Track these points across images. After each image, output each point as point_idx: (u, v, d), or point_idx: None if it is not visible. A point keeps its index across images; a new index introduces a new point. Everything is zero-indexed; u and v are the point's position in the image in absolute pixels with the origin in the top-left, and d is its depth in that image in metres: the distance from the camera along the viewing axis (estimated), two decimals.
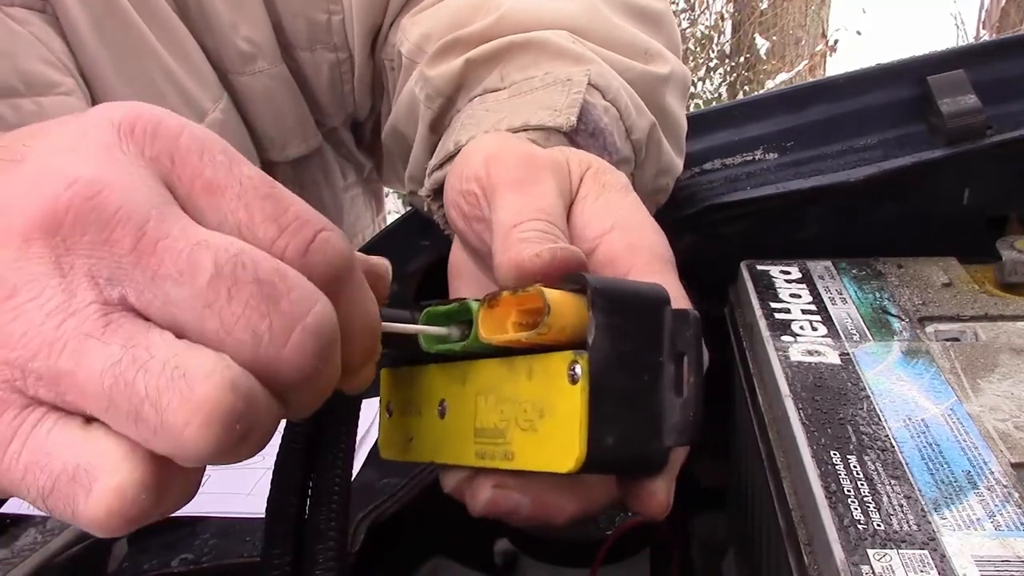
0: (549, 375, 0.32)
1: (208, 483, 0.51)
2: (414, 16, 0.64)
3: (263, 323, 0.26)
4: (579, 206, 0.42)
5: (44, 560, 0.48)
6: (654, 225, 0.42)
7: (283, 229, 0.29)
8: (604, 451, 0.31)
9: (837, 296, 0.52)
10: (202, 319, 0.26)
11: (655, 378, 0.32)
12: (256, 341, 0.26)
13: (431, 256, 0.68)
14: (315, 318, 0.27)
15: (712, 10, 5.32)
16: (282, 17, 0.67)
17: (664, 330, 0.32)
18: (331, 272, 0.29)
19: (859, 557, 0.33)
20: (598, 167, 0.44)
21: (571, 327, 0.32)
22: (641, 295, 0.33)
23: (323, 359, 0.28)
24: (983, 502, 0.36)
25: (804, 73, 5.10)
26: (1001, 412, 0.41)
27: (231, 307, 0.26)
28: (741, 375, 0.52)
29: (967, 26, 4.99)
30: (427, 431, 0.38)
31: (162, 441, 0.25)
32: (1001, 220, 0.62)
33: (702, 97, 4.89)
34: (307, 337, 0.27)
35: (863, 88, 0.65)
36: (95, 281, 0.26)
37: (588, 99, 0.50)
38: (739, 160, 0.65)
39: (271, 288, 0.27)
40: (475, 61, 0.56)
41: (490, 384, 0.35)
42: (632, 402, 0.31)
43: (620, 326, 0.32)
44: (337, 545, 0.34)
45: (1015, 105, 0.62)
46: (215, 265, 0.26)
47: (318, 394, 0.29)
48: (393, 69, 0.67)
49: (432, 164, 0.52)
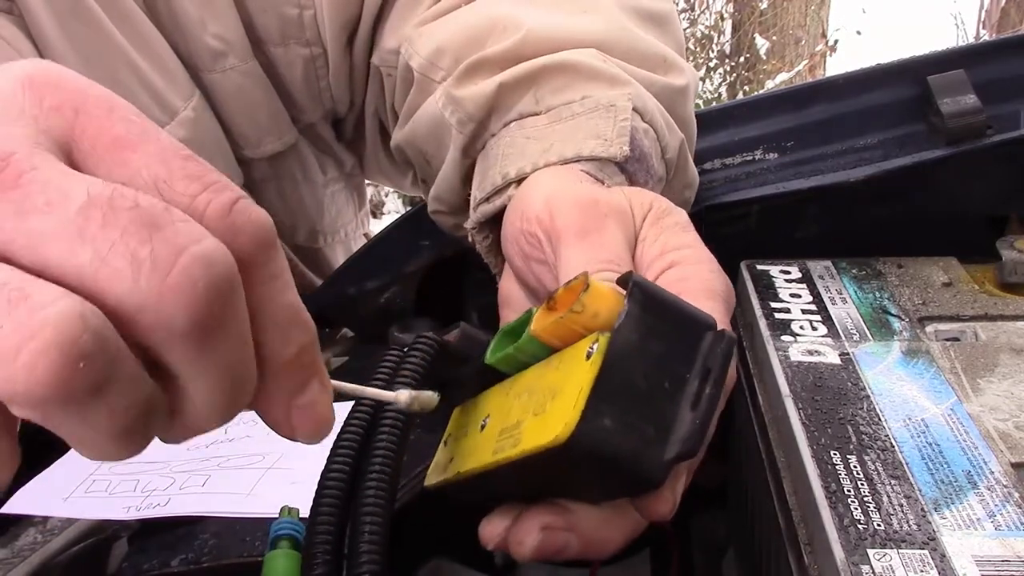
0: (572, 357, 0.32)
1: (208, 483, 0.52)
2: (419, 27, 0.63)
3: (143, 248, 0.23)
4: (639, 248, 0.42)
5: (44, 560, 0.48)
6: (712, 263, 0.41)
7: (206, 186, 0.26)
8: (599, 430, 0.30)
9: (837, 296, 0.52)
10: (73, 250, 0.23)
11: (677, 389, 0.32)
12: (136, 268, 0.23)
13: (431, 256, 0.68)
14: (204, 248, 0.24)
15: (712, 10, 5.33)
16: (252, 13, 0.66)
17: (699, 351, 0.32)
18: (257, 237, 0.26)
19: (859, 557, 0.33)
20: (659, 208, 0.44)
21: (606, 314, 0.32)
22: (686, 310, 0.33)
23: (216, 304, 0.24)
24: (983, 502, 0.36)
25: (804, 73, 5.10)
26: (1001, 412, 0.41)
27: (106, 232, 0.23)
28: (741, 375, 0.52)
29: (967, 26, 4.99)
30: (465, 446, 0.38)
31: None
32: (1001, 220, 0.62)
33: (702, 97, 4.89)
34: (195, 266, 0.24)
35: (863, 88, 0.65)
36: None
37: (632, 124, 0.50)
38: (739, 160, 0.65)
39: (153, 216, 0.24)
40: (508, 84, 0.55)
41: (528, 385, 0.35)
42: (644, 399, 0.31)
43: (652, 325, 0.31)
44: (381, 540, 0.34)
45: (1015, 105, 0.62)
46: (88, 193, 0.24)
47: (220, 374, 0.25)
48: (391, 76, 0.67)
49: (478, 197, 0.52)
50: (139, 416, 0.25)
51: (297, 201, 0.79)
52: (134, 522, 0.50)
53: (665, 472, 0.32)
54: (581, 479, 0.34)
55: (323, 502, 0.35)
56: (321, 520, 0.35)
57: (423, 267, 0.68)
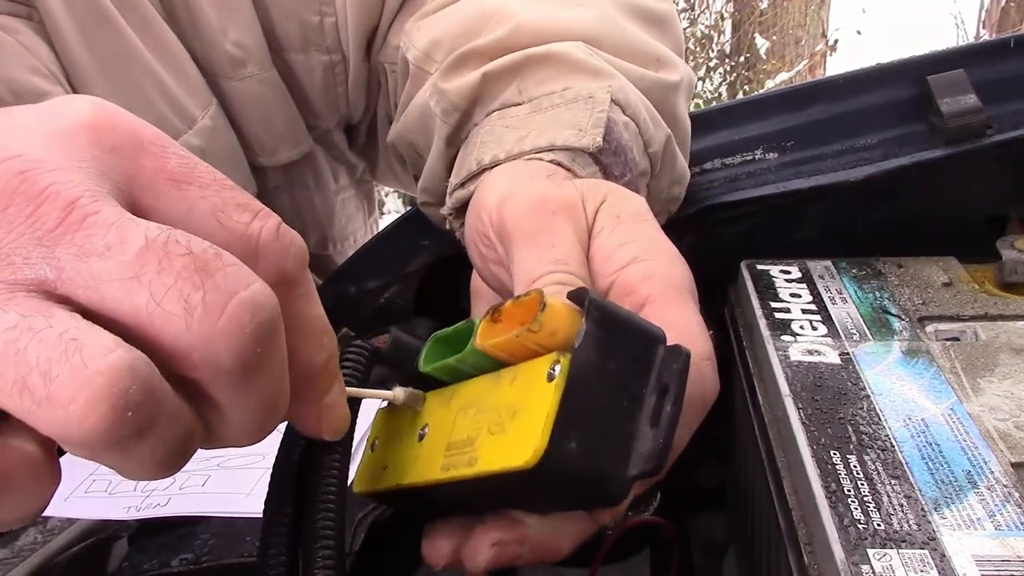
0: (531, 377, 0.32)
1: (208, 483, 0.52)
2: (418, 20, 0.63)
3: (196, 294, 0.25)
4: (596, 242, 0.42)
5: (44, 560, 0.48)
6: (672, 253, 0.41)
7: (255, 214, 0.28)
8: (566, 453, 0.30)
9: (837, 296, 0.52)
10: (130, 293, 0.25)
11: (635, 406, 0.32)
12: (188, 313, 0.25)
13: (431, 256, 0.68)
14: (252, 293, 0.26)
15: (712, 10, 5.32)
16: (274, 20, 0.66)
17: (653, 366, 0.32)
18: (299, 258, 0.29)
19: (859, 557, 0.33)
20: (612, 198, 0.43)
21: (563, 332, 0.32)
22: (638, 326, 0.33)
23: (261, 343, 0.26)
24: (983, 502, 0.36)
25: (804, 73, 5.10)
26: (1001, 412, 0.41)
27: (162, 277, 0.25)
28: (741, 375, 0.52)
29: (967, 26, 4.99)
30: (402, 455, 0.37)
31: (45, 415, 0.24)
32: (1001, 220, 0.62)
33: (702, 97, 4.89)
34: (243, 311, 0.25)
35: (863, 88, 0.65)
36: (8, 260, 0.25)
37: (610, 116, 0.50)
38: (739, 160, 0.64)
39: (205, 262, 0.25)
40: (492, 75, 0.55)
41: (474, 398, 0.35)
42: (606, 419, 0.31)
43: (610, 343, 0.32)
44: (336, 545, 0.34)
45: (1015, 105, 0.62)
46: (146, 238, 0.25)
47: (260, 402, 0.27)
48: (394, 72, 0.67)
49: (453, 183, 0.52)
50: (180, 446, 0.27)
51: (309, 208, 0.79)
52: (134, 522, 0.50)
53: (628, 489, 0.32)
54: (541, 496, 0.34)
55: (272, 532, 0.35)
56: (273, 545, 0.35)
57: (423, 267, 0.68)
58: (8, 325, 0.24)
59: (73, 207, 0.25)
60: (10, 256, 0.25)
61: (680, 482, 0.35)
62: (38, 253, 0.25)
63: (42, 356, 0.24)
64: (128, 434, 0.24)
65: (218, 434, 0.28)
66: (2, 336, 0.24)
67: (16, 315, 0.24)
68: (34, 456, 0.26)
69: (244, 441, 0.29)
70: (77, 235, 0.25)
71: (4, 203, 0.25)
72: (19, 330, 0.24)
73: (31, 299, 0.25)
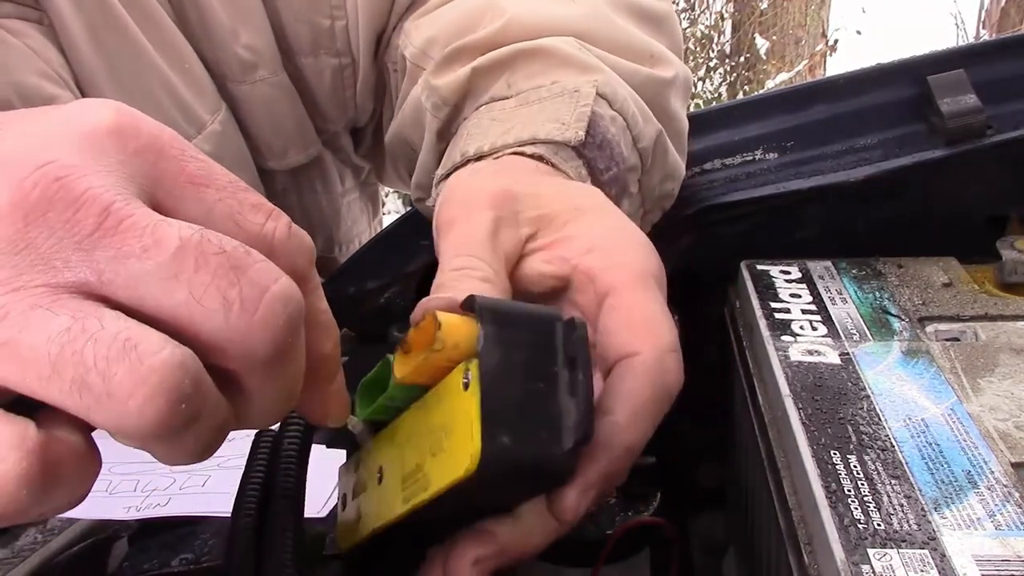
0: (449, 392, 0.33)
1: (208, 483, 0.52)
2: (417, 19, 0.63)
3: (233, 290, 0.26)
4: (558, 233, 0.43)
5: (44, 560, 0.48)
6: (638, 241, 0.42)
7: (268, 215, 0.30)
8: (501, 450, 0.31)
9: (837, 296, 0.52)
10: (170, 291, 0.26)
11: (551, 386, 0.33)
12: (227, 308, 0.26)
13: (431, 256, 0.67)
14: (282, 287, 0.28)
15: (712, 10, 5.32)
16: (284, 23, 0.66)
17: (557, 343, 0.34)
18: (308, 255, 0.31)
19: (859, 557, 0.33)
20: (569, 193, 0.45)
21: (465, 342, 0.33)
22: (532, 313, 0.34)
23: (291, 333, 0.28)
24: (983, 502, 0.36)
25: (804, 73, 5.10)
26: (1001, 412, 0.41)
27: (199, 275, 0.26)
28: (741, 375, 0.52)
29: (967, 26, 4.99)
30: (369, 502, 0.38)
31: (104, 411, 0.25)
32: (1001, 220, 0.62)
33: (702, 97, 4.89)
34: (277, 304, 0.27)
35: (863, 88, 0.65)
36: (50, 264, 0.26)
37: (596, 110, 0.50)
38: (739, 160, 0.64)
39: (237, 259, 0.27)
40: (481, 69, 0.55)
41: (412, 428, 0.36)
42: (528, 406, 0.32)
43: (510, 338, 0.33)
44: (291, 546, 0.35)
45: (1015, 105, 0.62)
46: (180, 239, 0.26)
47: (284, 387, 0.29)
48: (396, 71, 0.67)
49: (439, 174, 0.52)
50: (219, 433, 0.29)
51: (316, 211, 0.79)
52: (134, 522, 0.50)
53: (571, 461, 0.34)
54: (496, 494, 0.35)
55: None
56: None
57: (423, 267, 0.68)
58: (62, 327, 0.25)
59: (109, 212, 0.26)
60: (51, 260, 0.26)
61: (680, 482, 0.35)
62: (77, 257, 0.26)
63: (99, 355, 0.25)
64: (180, 424, 0.26)
65: (242, 418, 0.30)
66: (57, 338, 0.25)
67: (67, 318, 0.25)
68: (79, 446, 0.27)
69: (263, 424, 0.31)
70: (115, 238, 0.26)
71: (44, 208, 0.26)
72: (73, 332, 0.25)
73: (77, 300, 0.26)
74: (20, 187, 0.26)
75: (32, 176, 0.26)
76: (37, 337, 0.25)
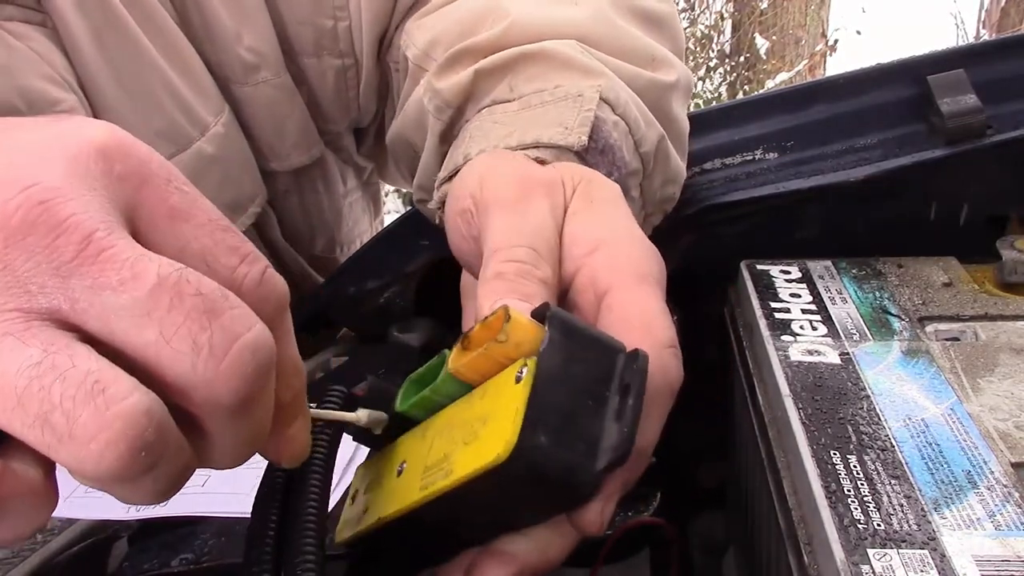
0: (500, 385, 0.33)
1: (208, 483, 0.52)
2: (419, 19, 0.63)
3: (204, 335, 0.26)
4: (568, 224, 0.42)
5: (44, 560, 0.48)
6: (640, 240, 0.42)
7: (243, 258, 0.29)
8: (536, 448, 0.31)
9: (837, 296, 0.52)
10: (140, 328, 0.26)
11: (600, 405, 0.33)
12: (195, 352, 0.26)
13: (431, 256, 0.68)
14: (254, 335, 0.27)
15: (712, 10, 5.32)
16: (287, 24, 0.66)
17: (615, 371, 0.34)
18: (279, 304, 0.30)
19: (859, 557, 0.33)
20: (588, 180, 0.44)
21: (528, 344, 0.33)
22: (598, 338, 0.35)
23: (259, 383, 0.27)
24: (983, 502, 0.36)
25: (804, 73, 5.10)
26: (1001, 412, 0.41)
27: (172, 316, 0.26)
28: (741, 375, 0.52)
29: (967, 26, 4.99)
30: (382, 493, 0.38)
31: (65, 450, 0.25)
32: (1001, 220, 0.62)
33: (702, 97, 4.89)
34: (246, 354, 0.27)
35: (863, 88, 0.65)
36: (25, 288, 0.26)
37: (599, 114, 0.50)
38: (739, 160, 0.64)
39: (213, 302, 0.27)
40: (484, 72, 0.55)
41: (449, 421, 0.36)
42: (573, 417, 0.32)
43: (572, 350, 0.33)
44: (315, 557, 0.34)
45: (1015, 105, 0.62)
46: (159, 276, 0.26)
47: (247, 433, 0.29)
48: (397, 71, 0.67)
49: (441, 176, 0.52)
50: (179, 477, 0.28)
51: (318, 212, 0.79)
52: (134, 522, 0.50)
53: (598, 482, 0.33)
54: (517, 500, 0.35)
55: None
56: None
57: (423, 267, 0.68)
58: (32, 361, 0.25)
59: (90, 240, 0.26)
60: (27, 284, 0.26)
61: (680, 482, 0.35)
62: (54, 283, 0.26)
63: (66, 395, 0.25)
64: (139, 470, 0.26)
65: (205, 460, 0.30)
66: (26, 372, 0.25)
67: (39, 351, 0.25)
68: (34, 480, 0.27)
69: (225, 467, 0.30)
70: (92, 268, 0.26)
71: (24, 232, 0.26)
72: (43, 367, 0.25)
73: (49, 330, 0.25)
74: (3, 209, 0.26)
75: (16, 198, 0.26)
76: (6, 367, 0.25)
